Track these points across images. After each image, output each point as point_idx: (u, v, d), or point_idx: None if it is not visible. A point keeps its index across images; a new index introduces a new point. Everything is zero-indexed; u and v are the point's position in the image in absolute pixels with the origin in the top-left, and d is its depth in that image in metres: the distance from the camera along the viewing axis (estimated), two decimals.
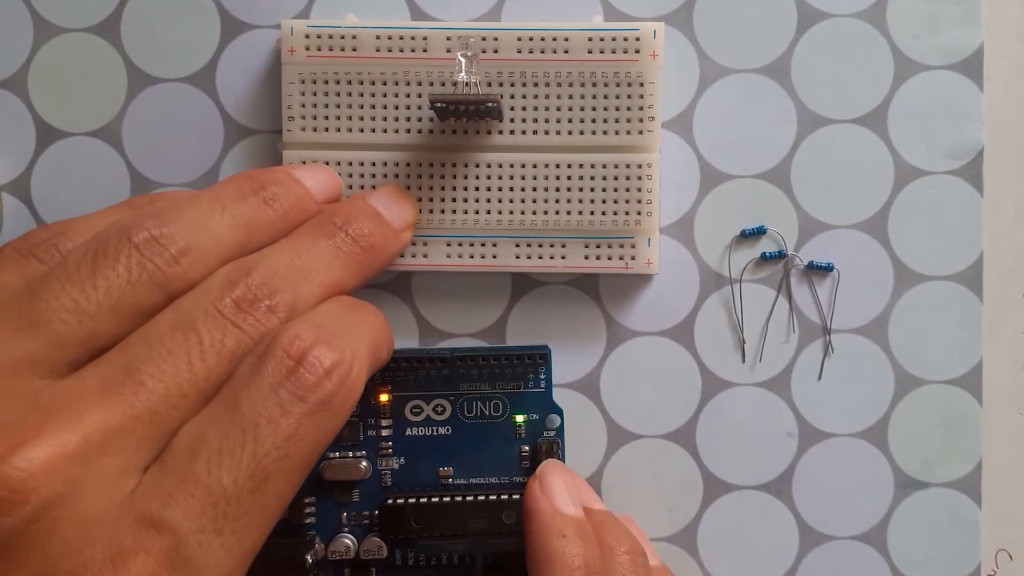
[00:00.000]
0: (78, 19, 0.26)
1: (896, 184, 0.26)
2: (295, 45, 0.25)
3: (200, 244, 0.20)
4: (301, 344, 0.18)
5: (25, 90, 0.26)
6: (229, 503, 0.17)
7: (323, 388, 0.18)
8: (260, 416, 0.18)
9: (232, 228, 0.20)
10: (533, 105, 0.25)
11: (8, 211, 0.26)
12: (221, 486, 0.17)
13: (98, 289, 0.18)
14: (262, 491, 0.18)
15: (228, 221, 0.21)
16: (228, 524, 0.17)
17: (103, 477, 0.17)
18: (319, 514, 0.25)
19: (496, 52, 0.25)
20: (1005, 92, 0.26)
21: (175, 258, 0.19)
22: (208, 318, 0.19)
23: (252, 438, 0.18)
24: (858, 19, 0.26)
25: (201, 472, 0.17)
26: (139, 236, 0.19)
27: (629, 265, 0.25)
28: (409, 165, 0.25)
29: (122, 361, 0.18)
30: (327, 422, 0.19)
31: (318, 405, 0.18)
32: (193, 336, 0.18)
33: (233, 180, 0.22)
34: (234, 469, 0.17)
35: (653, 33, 0.24)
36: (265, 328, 0.19)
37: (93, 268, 0.18)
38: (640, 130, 0.25)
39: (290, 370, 0.18)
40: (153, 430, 0.18)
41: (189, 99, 0.26)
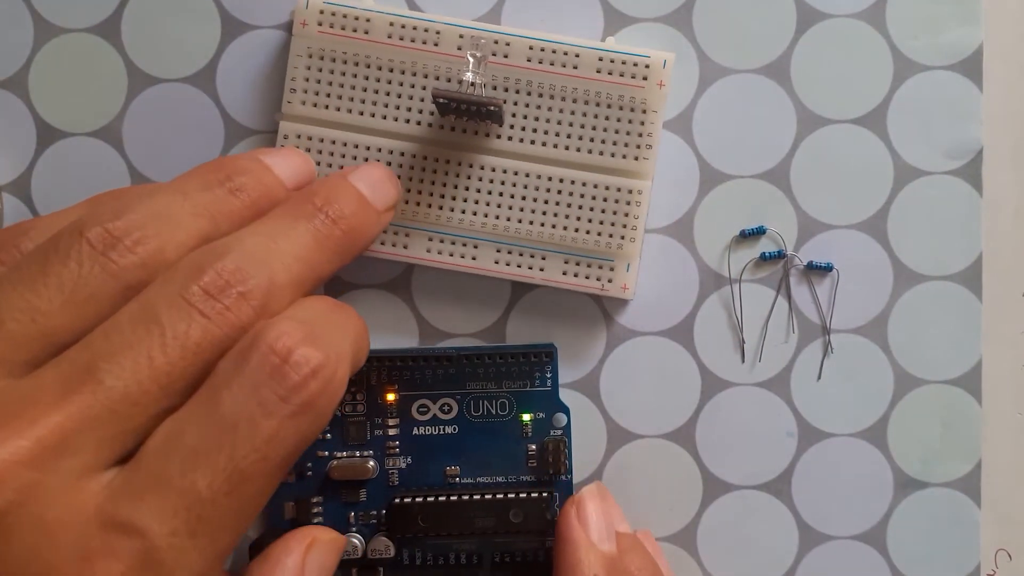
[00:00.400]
0: (79, 19, 0.26)
1: (895, 184, 0.26)
2: (308, 19, 0.25)
3: (157, 233, 0.19)
4: (288, 341, 0.18)
5: (25, 90, 0.26)
6: (204, 506, 0.17)
7: (308, 389, 0.18)
8: (240, 416, 0.17)
9: (193, 216, 0.20)
10: (535, 115, 0.25)
11: (8, 211, 0.26)
12: (196, 489, 0.17)
13: (49, 286, 0.18)
14: (238, 493, 0.17)
15: (189, 210, 0.20)
16: (202, 527, 0.17)
17: (62, 480, 0.16)
18: (326, 513, 0.25)
19: (506, 57, 0.24)
20: (1005, 92, 0.26)
21: (129, 248, 0.18)
22: (172, 308, 0.18)
23: (230, 440, 0.17)
24: (857, 19, 0.26)
25: (175, 473, 0.17)
26: (91, 231, 0.18)
27: (605, 287, 0.25)
28: (403, 155, 0.25)
29: (81, 358, 0.17)
30: (308, 424, 0.18)
31: (301, 407, 0.18)
32: (155, 328, 0.17)
33: (199, 169, 0.21)
34: (209, 471, 0.17)
35: (663, 63, 0.24)
36: (236, 318, 0.18)
37: (44, 265, 0.18)
38: (636, 156, 0.24)
39: (275, 368, 0.17)
40: (113, 428, 0.17)
41: (189, 99, 0.26)
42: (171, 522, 0.16)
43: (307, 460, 0.25)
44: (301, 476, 0.25)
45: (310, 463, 0.25)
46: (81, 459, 0.16)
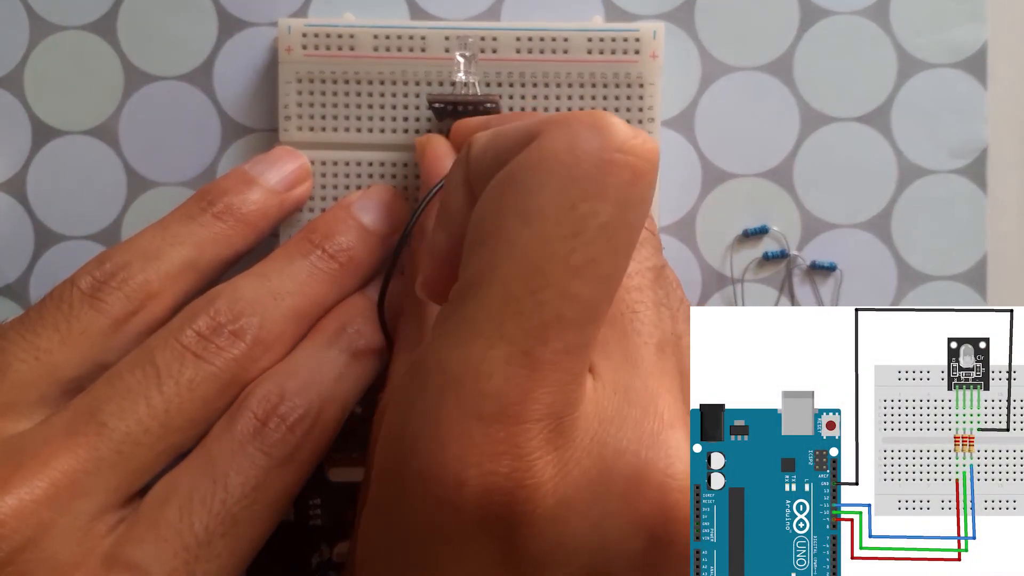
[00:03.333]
0: (74, 17, 0.25)
1: (900, 183, 0.25)
2: (292, 44, 0.24)
3: (141, 269, 0.20)
4: (266, 405, 0.19)
5: (21, 88, 0.25)
6: (200, 547, 0.18)
7: (288, 443, 0.19)
8: (230, 468, 0.18)
9: (173, 247, 0.21)
10: (532, 106, 0.24)
11: (3, 210, 0.25)
12: (192, 531, 0.18)
13: (46, 326, 0.19)
14: (233, 535, 0.18)
15: (169, 241, 0.21)
16: (200, 566, 0.18)
17: (73, 521, 0.17)
18: (325, 516, 0.24)
19: (495, 52, 0.24)
20: (1010, 90, 0.25)
21: (116, 287, 0.20)
22: (166, 350, 0.19)
23: (222, 487, 0.18)
24: (861, 16, 0.25)
25: (173, 518, 0.18)
26: (82, 279, 0.20)
27: None
28: (407, 166, 0.24)
29: (85, 404, 0.18)
30: (294, 473, 0.19)
31: (284, 459, 0.19)
32: (151, 370, 0.19)
33: (185, 202, 0.22)
34: (204, 515, 0.18)
35: (653, 34, 0.24)
36: (230, 354, 0.19)
37: (40, 312, 0.20)
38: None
39: (257, 429, 0.19)
40: (120, 469, 0.18)
41: (186, 97, 0.25)
42: (171, 562, 0.17)
43: None
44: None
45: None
46: (92, 501, 0.18)
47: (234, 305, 0.20)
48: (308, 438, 0.19)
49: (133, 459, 0.18)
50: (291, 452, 0.19)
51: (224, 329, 0.20)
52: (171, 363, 0.19)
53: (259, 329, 0.20)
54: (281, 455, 0.19)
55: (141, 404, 0.18)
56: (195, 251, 0.21)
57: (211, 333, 0.19)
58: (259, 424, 0.19)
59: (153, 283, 0.20)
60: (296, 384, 0.20)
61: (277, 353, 0.20)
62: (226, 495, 0.18)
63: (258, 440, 0.19)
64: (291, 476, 0.19)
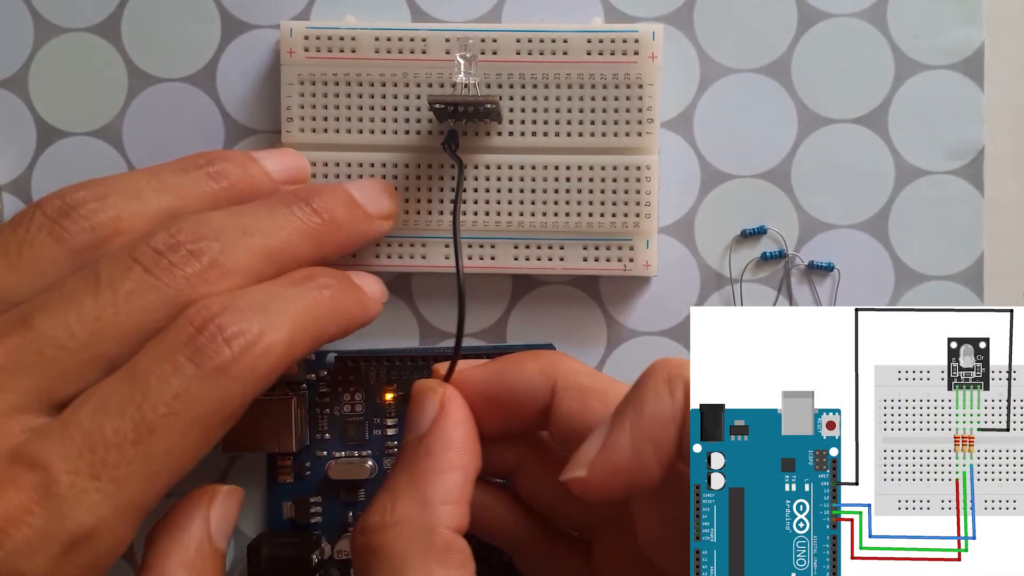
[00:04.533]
0: (79, 19, 0.25)
1: (897, 184, 0.25)
2: (294, 46, 0.24)
3: (114, 204, 0.19)
4: (205, 314, 0.18)
5: (26, 90, 0.25)
6: (108, 449, 0.17)
7: (220, 354, 0.17)
8: (152, 374, 0.17)
9: (157, 192, 0.20)
10: (532, 107, 0.24)
11: (8, 211, 0.25)
12: (101, 433, 0.17)
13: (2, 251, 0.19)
14: (146, 443, 0.17)
15: (155, 186, 0.20)
16: (106, 471, 0.17)
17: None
18: (325, 514, 0.24)
19: (495, 53, 0.24)
20: (1006, 92, 0.25)
21: (83, 216, 0.19)
22: (113, 262, 0.18)
23: (140, 392, 0.17)
24: (859, 19, 0.25)
25: (84, 419, 0.17)
26: (49, 203, 0.19)
27: (627, 267, 0.24)
28: (408, 166, 0.24)
29: (22, 310, 0.18)
30: (224, 388, 0.17)
31: (213, 370, 0.17)
32: (91, 279, 0.18)
33: (185, 156, 0.21)
34: (116, 419, 0.17)
35: (652, 35, 0.23)
36: (181, 271, 0.18)
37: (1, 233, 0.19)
38: (639, 132, 0.24)
39: (190, 336, 0.17)
40: (38, 371, 0.17)
41: (189, 99, 0.25)
42: (74, 461, 0.16)
43: (306, 460, 0.24)
44: (300, 476, 0.24)
45: (308, 463, 0.24)
46: (6, 398, 0.17)
47: (199, 228, 0.19)
48: (246, 354, 0.18)
49: (54, 363, 0.17)
50: (224, 364, 0.17)
51: (182, 247, 0.18)
52: (115, 273, 0.18)
53: (219, 254, 0.18)
54: (212, 365, 0.17)
55: (72, 311, 0.17)
56: (177, 202, 0.20)
57: (167, 250, 0.18)
58: (193, 332, 0.17)
59: (124, 221, 0.19)
60: (244, 303, 0.18)
61: (234, 282, 0.19)
62: (143, 400, 0.17)
63: (189, 348, 0.17)
64: (222, 391, 0.17)
